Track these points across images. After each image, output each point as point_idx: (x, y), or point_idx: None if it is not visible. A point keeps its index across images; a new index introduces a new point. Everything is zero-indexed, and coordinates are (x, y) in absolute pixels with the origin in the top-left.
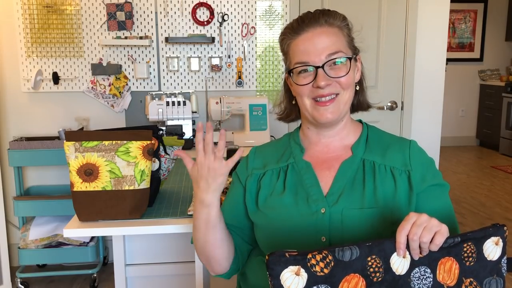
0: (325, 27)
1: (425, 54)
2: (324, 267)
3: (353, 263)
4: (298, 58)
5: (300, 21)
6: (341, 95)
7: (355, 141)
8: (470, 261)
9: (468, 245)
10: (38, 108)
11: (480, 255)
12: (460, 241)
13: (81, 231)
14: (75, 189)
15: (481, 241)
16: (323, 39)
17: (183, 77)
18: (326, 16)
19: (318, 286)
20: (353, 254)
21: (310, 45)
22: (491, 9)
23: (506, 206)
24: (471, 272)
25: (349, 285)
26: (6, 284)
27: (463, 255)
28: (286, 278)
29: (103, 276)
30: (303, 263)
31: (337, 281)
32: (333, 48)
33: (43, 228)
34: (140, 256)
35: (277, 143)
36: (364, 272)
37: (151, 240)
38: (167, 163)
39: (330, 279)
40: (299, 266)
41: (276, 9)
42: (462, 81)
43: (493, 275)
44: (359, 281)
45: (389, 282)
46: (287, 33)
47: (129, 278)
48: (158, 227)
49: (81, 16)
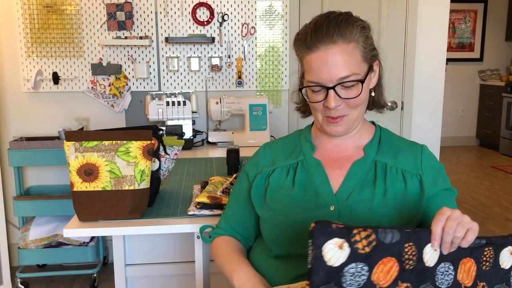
0: (339, 44)
1: (425, 54)
2: (367, 245)
3: (392, 247)
4: (311, 76)
5: (313, 35)
6: (351, 115)
7: (368, 142)
8: (486, 266)
9: (489, 250)
10: (38, 108)
11: (496, 261)
12: (484, 244)
13: (81, 231)
14: (75, 189)
15: (500, 248)
16: (336, 61)
17: (183, 77)
18: (341, 30)
19: (357, 264)
20: (394, 238)
21: (322, 66)
22: (491, 9)
23: (506, 206)
24: (485, 276)
25: (384, 268)
26: (6, 284)
27: (482, 258)
28: (328, 250)
29: (103, 276)
30: (348, 237)
31: (375, 262)
32: (346, 71)
33: (43, 228)
34: (140, 256)
35: (287, 140)
36: (400, 258)
37: (151, 240)
38: (167, 163)
39: (369, 258)
40: (344, 240)
41: (276, 9)
42: (462, 81)
43: (503, 283)
44: (393, 265)
45: (419, 271)
46: (299, 45)
47: (129, 278)
48: (158, 227)
49: (81, 16)
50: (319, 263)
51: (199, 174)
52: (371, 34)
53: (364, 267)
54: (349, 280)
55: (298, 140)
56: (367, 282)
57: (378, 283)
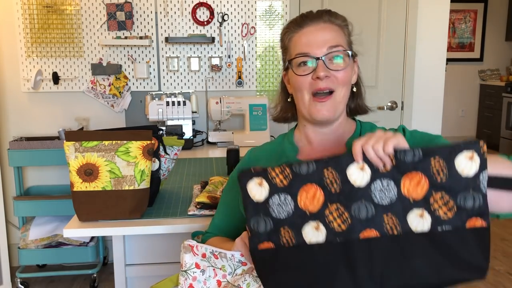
0: (328, 23)
1: (425, 54)
2: (284, 179)
3: (310, 176)
4: (300, 49)
5: (303, 17)
6: (337, 92)
7: (349, 137)
8: (441, 177)
9: (436, 160)
10: (38, 108)
11: (452, 171)
12: (423, 156)
13: (81, 231)
14: (75, 189)
15: (451, 156)
16: (325, 33)
17: (183, 77)
18: (328, 15)
19: (279, 195)
20: (309, 168)
21: (312, 37)
22: (491, 9)
23: None
24: (443, 187)
25: (307, 195)
26: (6, 284)
27: (432, 170)
28: (251, 188)
29: (103, 276)
30: (264, 175)
31: (296, 191)
32: (335, 42)
33: (43, 228)
34: (140, 256)
35: (272, 144)
36: (321, 183)
37: (151, 240)
38: (167, 163)
39: (289, 189)
40: (261, 178)
41: (276, 9)
42: (462, 81)
43: (469, 191)
44: (316, 191)
45: (347, 193)
46: (291, 27)
47: (129, 278)
48: (158, 227)
49: (81, 16)
50: (247, 201)
51: (199, 174)
52: (351, 35)
53: (287, 197)
54: (276, 210)
55: (282, 144)
56: (296, 209)
57: (307, 209)
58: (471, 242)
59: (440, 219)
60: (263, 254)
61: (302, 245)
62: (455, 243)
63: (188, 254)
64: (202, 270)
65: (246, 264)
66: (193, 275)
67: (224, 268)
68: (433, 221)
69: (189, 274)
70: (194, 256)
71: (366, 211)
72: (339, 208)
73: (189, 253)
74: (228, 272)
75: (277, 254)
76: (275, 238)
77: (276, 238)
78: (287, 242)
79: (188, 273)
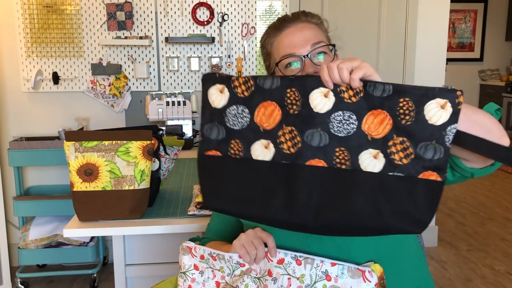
0: (306, 23)
1: (425, 54)
2: (245, 90)
3: (272, 92)
4: (284, 51)
5: (281, 20)
6: None
7: None
8: (406, 120)
9: (406, 101)
10: (38, 108)
11: (419, 116)
12: (393, 92)
13: (81, 231)
14: (75, 189)
15: (422, 100)
16: (305, 32)
17: (183, 77)
18: (304, 15)
19: (237, 106)
20: (273, 84)
21: (294, 37)
22: (491, 9)
23: (506, 206)
24: (406, 131)
25: (265, 111)
26: (6, 284)
27: (399, 111)
28: (212, 94)
29: (103, 276)
30: (228, 83)
31: (255, 105)
32: (316, 39)
33: (43, 228)
34: (140, 256)
35: None
36: (281, 102)
37: (151, 240)
38: (167, 163)
39: (248, 102)
40: (223, 85)
41: (276, 9)
42: (462, 81)
43: (432, 141)
44: (275, 109)
45: (305, 116)
46: (270, 32)
47: (129, 278)
48: (158, 227)
49: (81, 16)
50: (205, 106)
51: None
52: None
53: (244, 109)
54: (231, 120)
55: None
56: (250, 123)
57: (262, 125)
58: (420, 194)
59: (393, 163)
60: (209, 161)
61: (247, 159)
62: (402, 191)
63: (187, 256)
64: (201, 271)
65: (244, 265)
66: (192, 276)
67: (223, 270)
68: (386, 164)
69: (188, 275)
70: (192, 257)
71: (320, 140)
72: (293, 131)
73: (188, 254)
74: (227, 273)
75: (222, 163)
76: (224, 147)
77: (225, 147)
78: (234, 153)
79: (187, 274)
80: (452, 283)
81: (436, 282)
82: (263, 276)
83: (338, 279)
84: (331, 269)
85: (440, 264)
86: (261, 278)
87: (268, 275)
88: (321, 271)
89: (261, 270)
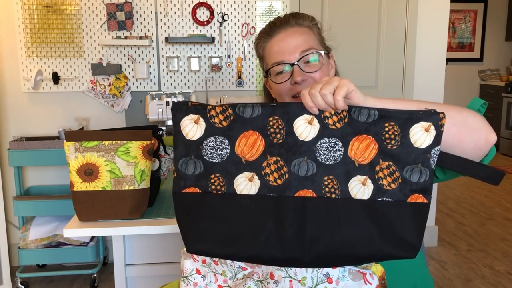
0: (295, 27)
1: (425, 54)
2: (224, 120)
3: (253, 121)
4: (274, 58)
5: (272, 25)
6: None
7: None
8: (392, 144)
9: (391, 126)
10: (38, 108)
11: (404, 140)
12: (378, 117)
13: (81, 231)
14: (75, 189)
15: (407, 123)
16: (295, 38)
17: (183, 77)
18: (295, 18)
19: (215, 137)
20: (254, 112)
21: (283, 44)
22: (491, 9)
23: (506, 206)
24: (392, 156)
25: (247, 142)
26: (6, 284)
27: (384, 135)
28: (185, 125)
29: (103, 276)
30: (203, 113)
31: (235, 136)
32: (306, 45)
33: (43, 228)
34: (140, 256)
35: None
36: (264, 131)
37: (151, 240)
38: (167, 163)
39: (228, 132)
40: (198, 115)
41: (276, 9)
42: (462, 81)
43: (418, 164)
44: (257, 139)
45: (290, 145)
46: (261, 37)
47: (129, 278)
48: (158, 227)
49: (81, 16)
50: (178, 138)
51: None
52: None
53: (224, 140)
54: (210, 153)
55: None
56: (231, 155)
57: (244, 156)
58: (409, 217)
59: (382, 188)
60: (187, 199)
61: (231, 195)
62: (392, 216)
63: (189, 260)
64: (203, 275)
65: (247, 269)
66: (194, 281)
67: (225, 273)
68: (375, 190)
69: (190, 280)
70: (194, 262)
71: (307, 169)
72: (279, 161)
73: (189, 259)
74: (229, 277)
75: (202, 200)
76: (203, 183)
77: (204, 183)
78: (216, 189)
79: (189, 279)
80: (452, 283)
81: (436, 282)
82: (265, 279)
83: (339, 282)
84: (332, 272)
85: (440, 264)
86: (263, 281)
87: (270, 278)
88: (322, 274)
89: (263, 273)
